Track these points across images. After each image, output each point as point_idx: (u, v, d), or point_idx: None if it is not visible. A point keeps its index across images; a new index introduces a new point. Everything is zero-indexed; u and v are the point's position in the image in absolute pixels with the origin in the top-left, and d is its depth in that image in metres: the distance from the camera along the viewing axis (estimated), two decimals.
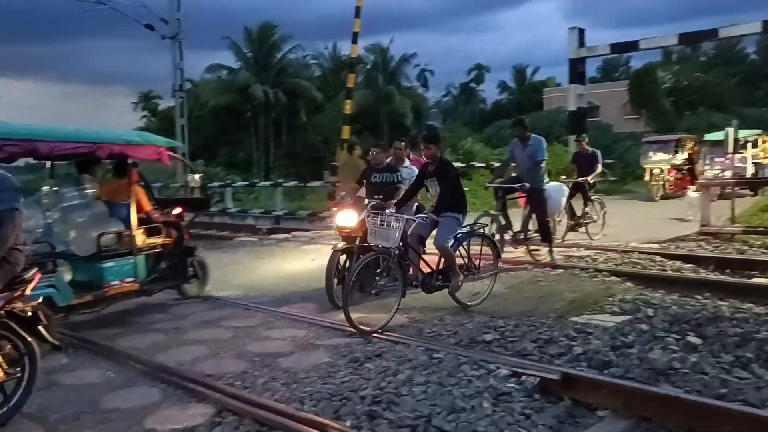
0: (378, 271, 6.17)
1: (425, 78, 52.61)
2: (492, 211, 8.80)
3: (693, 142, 21.46)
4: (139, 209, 6.90)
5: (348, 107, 18.58)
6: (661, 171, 19.88)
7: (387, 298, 6.25)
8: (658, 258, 8.89)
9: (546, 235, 8.87)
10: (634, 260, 8.81)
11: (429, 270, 6.47)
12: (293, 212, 19.36)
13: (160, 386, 4.68)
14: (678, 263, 8.67)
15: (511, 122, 9.86)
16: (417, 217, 6.49)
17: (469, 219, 8.13)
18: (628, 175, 24.49)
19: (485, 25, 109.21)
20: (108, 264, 6.38)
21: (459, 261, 6.56)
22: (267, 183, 23.36)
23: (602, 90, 40.19)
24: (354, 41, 18.39)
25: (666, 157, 20.39)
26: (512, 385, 4.29)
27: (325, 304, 6.82)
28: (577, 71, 21.29)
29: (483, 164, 20.92)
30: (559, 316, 6.03)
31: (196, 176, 8.36)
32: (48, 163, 7.52)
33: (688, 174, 20.44)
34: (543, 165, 8.68)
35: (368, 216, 6.20)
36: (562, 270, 8.20)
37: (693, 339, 5.04)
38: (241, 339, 5.88)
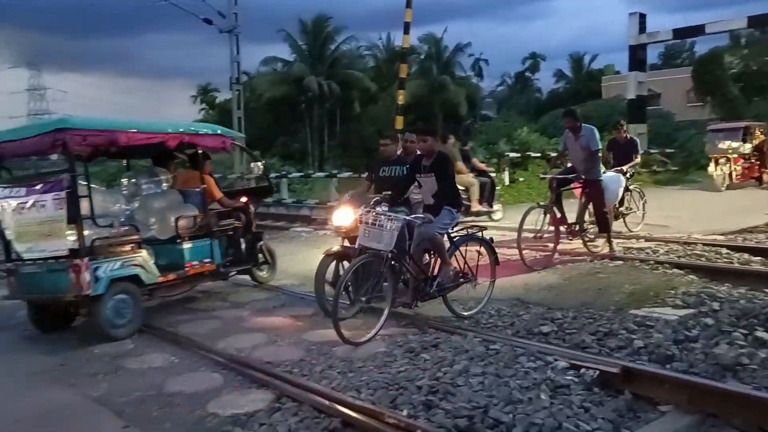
0: (369, 276, 5.53)
1: (479, 67, 52.18)
2: (542, 203, 8.59)
3: (762, 130, 20.55)
4: (211, 197, 7.25)
5: (401, 97, 18.58)
6: (728, 160, 19.12)
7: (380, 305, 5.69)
8: (724, 250, 8.54)
9: (604, 227, 8.65)
10: (698, 252, 8.50)
11: (423, 276, 5.90)
12: None
13: (221, 372, 4.81)
14: (746, 255, 8.31)
15: (561, 113, 9.63)
16: (416, 218, 5.73)
17: (520, 210, 8.03)
18: (691, 165, 23.66)
19: (541, 12, 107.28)
20: (187, 245, 6.76)
21: (455, 266, 6.03)
22: (321, 174, 23.55)
23: (664, 77, 38.87)
24: (406, 31, 18.37)
25: (734, 145, 19.58)
26: (570, 377, 4.22)
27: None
28: (637, 58, 20.67)
29: (539, 154, 20.56)
30: (618, 309, 5.91)
31: (259, 164, 8.77)
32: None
33: (757, 163, 19.60)
34: (598, 155, 8.49)
35: (363, 213, 5.59)
36: (621, 262, 8.00)
37: (762, 334, 4.83)
38: (298, 327, 5.97)
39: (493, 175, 13.02)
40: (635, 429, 3.57)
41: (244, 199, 7.86)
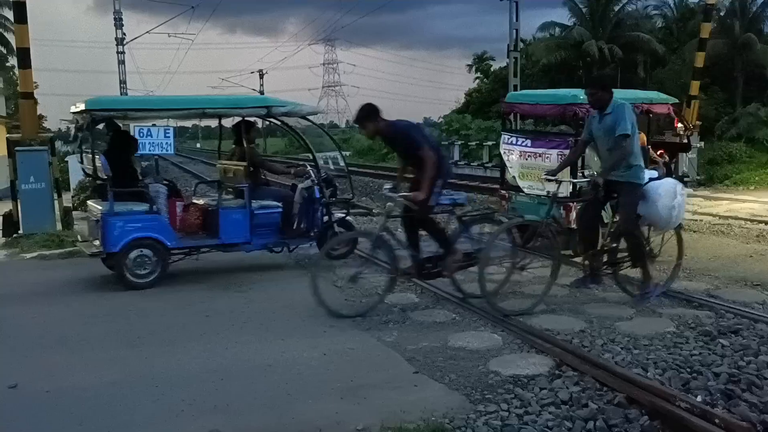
0: None
1: None
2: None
3: None
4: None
5: (699, 60, 16.86)
6: None
7: None
8: None
9: (635, 255, 5.61)
10: None
11: None
12: None
13: (500, 333, 4.92)
14: None
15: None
16: None
17: None
18: None
19: None
20: None
21: None
22: None
23: None
24: None
25: None
26: None
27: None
28: None
29: None
30: None
31: (680, 125, 9.80)
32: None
33: None
34: (628, 144, 5.34)
35: None
36: None
37: None
38: (579, 298, 5.86)
39: None
40: None
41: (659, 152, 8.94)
